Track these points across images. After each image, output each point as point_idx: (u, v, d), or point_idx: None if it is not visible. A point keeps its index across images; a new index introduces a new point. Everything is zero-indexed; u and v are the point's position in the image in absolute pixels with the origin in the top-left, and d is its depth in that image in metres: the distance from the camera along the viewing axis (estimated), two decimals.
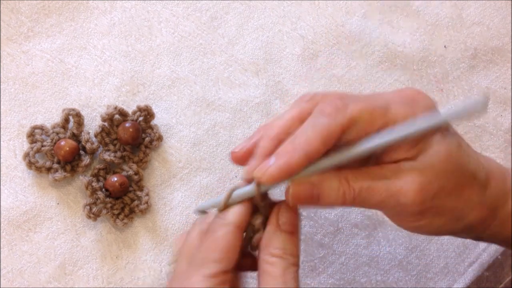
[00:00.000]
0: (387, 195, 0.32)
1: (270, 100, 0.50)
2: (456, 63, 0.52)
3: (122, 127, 0.46)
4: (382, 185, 0.32)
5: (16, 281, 0.45)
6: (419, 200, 0.31)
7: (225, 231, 0.32)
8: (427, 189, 0.32)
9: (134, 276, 0.46)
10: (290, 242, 0.32)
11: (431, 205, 0.32)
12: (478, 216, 0.34)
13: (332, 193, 0.32)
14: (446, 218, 0.33)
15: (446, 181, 0.32)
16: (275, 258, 0.31)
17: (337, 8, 0.53)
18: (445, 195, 0.32)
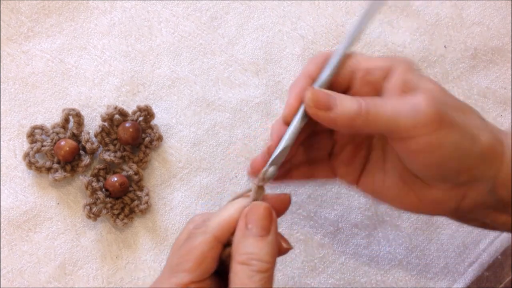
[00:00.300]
0: (401, 107, 0.31)
1: (270, 100, 0.50)
2: (456, 63, 0.52)
3: (122, 127, 0.46)
4: (396, 100, 0.32)
5: (16, 281, 0.45)
6: (432, 105, 0.31)
7: (202, 239, 0.31)
8: (437, 99, 0.31)
9: (134, 276, 0.46)
10: (258, 246, 0.30)
11: (444, 113, 0.31)
12: (488, 139, 0.33)
13: (347, 102, 0.32)
14: (461, 133, 0.32)
15: (448, 99, 0.33)
16: (239, 265, 0.30)
17: (337, 8, 0.53)
18: (453, 109, 0.32)
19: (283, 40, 0.52)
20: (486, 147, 0.33)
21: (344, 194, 0.49)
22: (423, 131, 0.31)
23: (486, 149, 0.33)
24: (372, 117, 0.31)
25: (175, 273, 0.30)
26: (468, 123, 0.33)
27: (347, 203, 0.49)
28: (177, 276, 0.30)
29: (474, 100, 0.52)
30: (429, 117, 0.31)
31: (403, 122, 0.31)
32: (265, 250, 0.30)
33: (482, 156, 0.33)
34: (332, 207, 0.49)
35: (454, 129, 0.32)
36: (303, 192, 0.49)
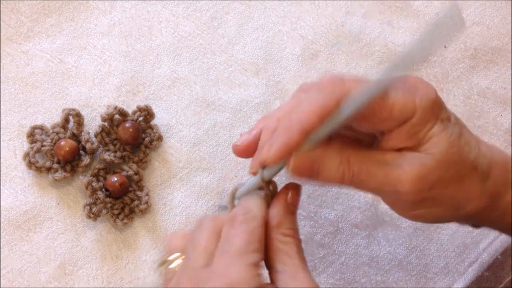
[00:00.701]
0: (385, 182, 0.32)
1: (270, 100, 0.50)
2: (456, 63, 0.52)
3: (122, 127, 0.46)
4: (381, 171, 0.32)
5: (16, 281, 0.45)
6: (415, 190, 0.32)
7: (256, 223, 0.32)
8: (425, 179, 0.32)
9: (134, 276, 0.46)
10: (295, 222, 0.34)
11: (428, 195, 0.32)
12: (477, 206, 0.33)
13: (332, 170, 0.32)
14: (445, 208, 0.33)
15: (445, 171, 0.32)
16: (288, 237, 0.33)
17: (337, 8, 0.53)
18: (443, 185, 0.32)
19: (283, 40, 0.52)
20: (473, 211, 0.34)
21: (344, 194, 0.49)
22: (405, 207, 0.33)
23: (473, 212, 0.34)
24: (355, 185, 0.33)
25: (243, 255, 0.31)
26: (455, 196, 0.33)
27: (347, 203, 0.49)
28: (249, 256, 0.31)
29: (474, 100, 0.52)
30: (410, 198, 0.32)
31: (385, 196, 0.34)
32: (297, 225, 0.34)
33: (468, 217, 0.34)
34: (332, 207, 0.49)
35: (437, 206, 0.33)
36: (303, 192, 0.48)
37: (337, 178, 0.32)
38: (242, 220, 0.32)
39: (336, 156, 0.32)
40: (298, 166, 0.32)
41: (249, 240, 0.32)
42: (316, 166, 0.32)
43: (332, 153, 0.32)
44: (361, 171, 0.32)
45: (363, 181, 0.32)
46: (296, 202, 0.34)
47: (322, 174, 0.32)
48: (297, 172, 0.32)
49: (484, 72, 0.53)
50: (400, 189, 0.32)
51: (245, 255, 0.31)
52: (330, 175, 0.32)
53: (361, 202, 0.49)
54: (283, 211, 0.34)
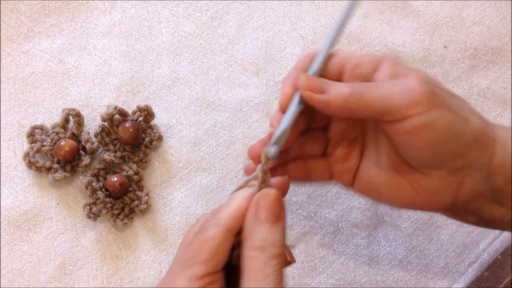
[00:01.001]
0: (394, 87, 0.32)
1: (270, 100, 0.50)
2: (456, 63, 0.52)
3: (122, 127, 0.46)
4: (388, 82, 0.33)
5: (16, 281, 0.45)
6: (424, 86, 0.32)
7: (215, 231, 0.31)
8: (428, 81, 0.33)
9: (134, 276, 0.46)
10: (271, 232, 0.31)
11: (436, 93, 0.32)
12: (479, 123, 0.33)
13: (340, 85, 0.33)
14: (453, 114, 0.32)
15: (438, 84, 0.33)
16: (255, 251, 0.30)
17: (337, 8, 0.53)
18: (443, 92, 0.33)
19: (283, 40, 0.52)
20: (478, 130, 0.33)
21: (344, 194, 0.49)
22: (416, 110, 0.32)
23: (478, 132, 0.33)
24: (365, 98, 0.32)
25: (190, 265, 0.30)
26: (459, 106, 0.33)
27: (347, 203, 0.49)
28: (192, 268, 0.30)
29: (474, 100, 0.52)
30: (422, 95, 0.32)
31: (396, 101, 0.32)
32: (278, 236, 0.31)
33: (475, 139, 0.33)
34: (332, 207, 0.49)
35: (447, 109, 0.32)
36: (303, 192, 0.49)
37: (346, 91, 0.32)
38: (204, 226, 0.32)
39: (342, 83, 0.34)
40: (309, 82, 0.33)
41: (198, 250, 0.31)
42: (324, 84, 0.33)
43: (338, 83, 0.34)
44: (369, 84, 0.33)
45: (372, 93, 0.32)
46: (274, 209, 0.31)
47: (332, 89, 0.33)
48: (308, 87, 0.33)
49: (484, 72, 0.53)
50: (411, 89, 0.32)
51: (189, 266, 0.30)
52: (339, 89, 0.33)
53: (361, 202, 0.49)
54: (251, 221, 0.31)
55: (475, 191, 0.34)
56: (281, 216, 0.32)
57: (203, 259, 0.30)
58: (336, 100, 0.33)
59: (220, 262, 0.31)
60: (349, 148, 0.38)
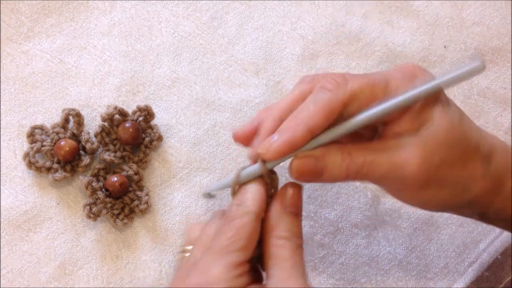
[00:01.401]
0: (390, 167, 0.32)
1: (270, 100, 0.50)
2: (456, 63, 0.52)
3: (122, 127, 0.46)
4: (385, 158, 0.32)
5: (16, 281, 0.45)
6: (422, 170, 0.31)
7: (248, 219, 0.31)
8: (430, 160, 0.32)
9: (134, 276, 0.46)
10: (295, 224, 0.32)
11: (434, 175, 0.32)
12: (482, 188, 0.33)
13: (336, 167, 0.32)
14: (450, 190, 0.33)
15: (448, 152, 0.32)
16: (282, 240, 0.31)
17: (337, 8, 0.53)
18: (448, 166, 0.32)
19: (283, 40, 0.52)
20: (479, 193, 0.34)
21: (344, 194, 0.49)
22: (411, 191, 0.33)
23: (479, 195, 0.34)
24: (361, 177, 0.32)
25: (225, 254, 0.30)
26: (460, 178, 0.33)
27: (347, 203, 0.49)
28: (228, 256, 0.30)
29: (474, 100, 0.52)
30: (417, 180, 0.32)
31: (391, 183, 0.33)
32: (299, 228, 0.32)
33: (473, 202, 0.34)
34: (332, 207, 0.49)
35: (443, 188, 0.33)
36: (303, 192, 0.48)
37: (343, 174, 0.32)
38: (233, 215, 0.31)
39: (338, 151, 0.32)
40: (301, 167, 0.32)
41: (235, 237, 0.30)
42: (319, 165, 0.32)
43: (333, 150, 0.32)
44: (365, 162, 0.32)
45: (369, 171, 0.32)
46: (297, 203, 0.33)
47: (326, 173, 0.32)
48: (300, 173, 0.32)
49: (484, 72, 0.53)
50: (407, 172, 0.32)
51: (227, 254, 0.30)
52: (335, 172, 0.32)
53: (361, 202, 0.49)
54: (278, 212, 0.32)
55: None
56: (301, 209, 0.33)
57: (240, 246, 0.30)
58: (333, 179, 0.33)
59: (252, 250, 0.31)
60: None
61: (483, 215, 0.36)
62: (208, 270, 0.30)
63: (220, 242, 0.31)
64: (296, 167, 0.32)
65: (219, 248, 0.30)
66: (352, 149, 0.32)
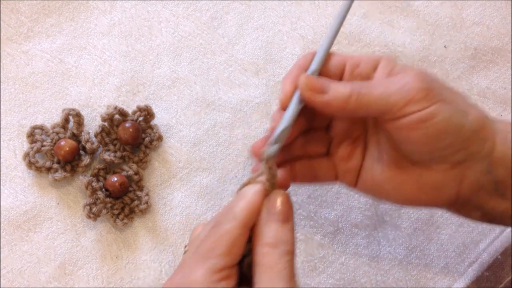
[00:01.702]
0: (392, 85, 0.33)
1: (270, 100, 0.50)
2: (456, 63, 0.52)
3: (122, 127, 0.46)
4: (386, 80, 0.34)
5: (16, 281, 0.45)
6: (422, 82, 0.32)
7: (232, 225, 0.31)
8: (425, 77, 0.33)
9: (134, 276, 0.46)
10: (282, 230, 0.32)
11: (434, 88, 0.33)
12: (478, 116, 0.34)
13: (340, 86, 0.33)
14: (452, 108, 0.33)
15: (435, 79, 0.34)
16: (267, 248, 0.31)
17: (337, 8, 0.53)
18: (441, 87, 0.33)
19: (283, 40, 0.52)
20: (477, 123, 0.34)
21: (344, 194, 0.49)
22: (414, 107, 0.32)
23: (478, 125, 0.34)
24: (364, 98, 0.33)
25: (208, 258, 0.31)
26: (457, 100, 0.34)
27: (347, 203, 0.49)
28: (209, 261, 0.31)
29: (474, 100, 0.52)
30: (420, 92, 0.32)
31: (394, 99, 0.32)
32: (289, 234, 0.32)
33: (474, 131, 0.33)
34: (332, 207, 0.49)
35: (445, 104, 0.33)
36: (303, 192, 0.49)
37: (346, 91, 0.33)
38: (220, 220, 0.32)
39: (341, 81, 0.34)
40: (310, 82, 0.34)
41: (217, 243, 0.31)
42: (326, 83, 0.34)
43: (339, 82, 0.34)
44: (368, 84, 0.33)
45: (371, 92, 0.33)
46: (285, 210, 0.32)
47: (332, 89, 0.33)
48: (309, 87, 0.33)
49: (484, 72, 0.53)
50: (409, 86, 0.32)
51: (208, 259, 0.31)
52: (339, 89, 0.33)
53: (361, 202, 0.49)
54: (264, 220, 0.32)
55: (477, 183, 0.35)
56: (290, 215, 0.32)
57: (221, 252, 0.31)
58: (336, 101, 0.33)
59: (237, 256, 0.31)
60: (351, 147, 0.38)
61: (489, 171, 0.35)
62: (190, 272, 0.31)
63: (204, 246, 0.31)
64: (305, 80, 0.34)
65: (202, 251, 0.31)
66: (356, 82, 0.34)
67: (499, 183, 0.34)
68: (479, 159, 0.34)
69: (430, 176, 0.35)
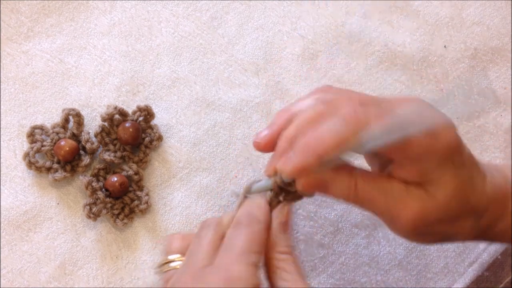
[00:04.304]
0: (386, 211, 0.34)
1: (270, 100, 0.50)
2: (456, 63, 0.52)
3: (122, 127, 0.46)
4: (385, 200, 0.34)
5: (16, 281, 0.45)
6: (413, 226, 0.34)
7: (259, 227, 0.34)
8: (424, 219, 0.33)
9: (134, 276, 0.46)
10: (290, 240, 0.36)
11: (423, 231, 0.34)
12: (467, 237, 0.36)
13: (339, 189, 0.34)
14: (436, 238, 0.36)
15: (445, 214, 0.33)
16: (285, 255, 0.35)
17: (337, 8, 0.53)
18: (440, 224, 0.34)
19: (283, 40, 0.52)
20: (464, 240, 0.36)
21: None
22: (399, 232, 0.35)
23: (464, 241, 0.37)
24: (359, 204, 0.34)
25: (245, 255, 0.33)
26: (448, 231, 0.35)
27: None
28: (251, 256, 0.33)
29: (474, 100, 0.52)
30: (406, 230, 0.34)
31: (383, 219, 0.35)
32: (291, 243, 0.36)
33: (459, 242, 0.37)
34: (332, 207, 0.49)
35: (430, 236, 0.35)
36: None
37: (344, 197, 0.34)
38: (246, 223, 0.34)
39: (346, 178, 0.34)
40: (309, 184, 0.34)
41: (252, 241, 0.33)
42: (326, 184, 0.34)
43: (342, 176, 0.34)
44: (366, 196, 0.34)
45: (366, 203, 0.34)
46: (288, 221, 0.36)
47: (330, 191, 0.34)
48: (307, 186, 0.34)
49: (484, 72, 0.53)
50: (399, 223, 0.34)
51: (247, 255, 0.33)
52: (337, 193, 0.34)
53: None
54: (278, 231, 0.36)
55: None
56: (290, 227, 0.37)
57: (258, 249, 0.33)
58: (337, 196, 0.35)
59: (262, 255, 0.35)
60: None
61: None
62: (229, 269, 0.32)
63: (239, 245, 0.33)
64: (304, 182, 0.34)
65: (239, 250, 0.33)
66: (359, 179, 0.34)
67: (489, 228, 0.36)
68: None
69: None
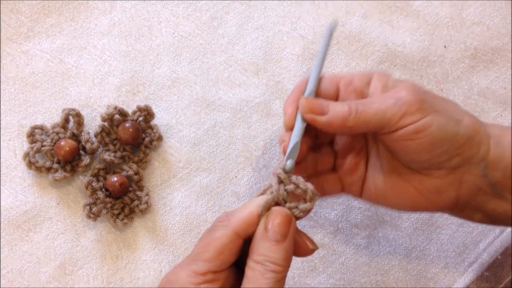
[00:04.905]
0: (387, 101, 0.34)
1: (270, 100, 0.50)
2: (456, 63, 0.52)
3: (122, 127, 0.46)
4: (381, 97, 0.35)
5: (16, 281, 0.45)
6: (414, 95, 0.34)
7: (222, 232, 0.33)
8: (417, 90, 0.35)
9: (134, 276, 0.46)
10: (274, 250, 0.32)
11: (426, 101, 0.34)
12: (470, 122, 0.35)
13: (338, 106, 0.35)
14: (445, 118, 0.34)
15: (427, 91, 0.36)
16: (254, 263, 0.32)
17: (337, 8, 0.53)
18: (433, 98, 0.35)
19: (283, 40, 0.52)
20: (471, 129, 0.35)
21: None
22: (409, 119, 0.34)
23: (471, 131, 0.35)
24: (362, 115, 0.34)
25: (195, 261, 0.32)
26: (450, 109, 0.35)
27: (347, 203, 0.49)
28: (196, 264, 0.32)
29: (474, 100, 0.52)
30: (413, 105, 0.34)
31: (390, 114, 0.34)
32: (280, 254, 0.32)
33: (468, 138, 0.35)
34: (332, 207, 0.49)
35: (438, 114, 0.34)
36: None
37: (345, 111, 0.35)
38: (215, 225, 0.34)
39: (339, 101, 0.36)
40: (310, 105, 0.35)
41: (204, 248, 0.32)
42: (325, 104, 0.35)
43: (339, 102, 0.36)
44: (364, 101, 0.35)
45: (367, 109, 0.34)
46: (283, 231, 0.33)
47: (331, 110, 0.35)
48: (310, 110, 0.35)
49: (484, 72, 0.53)
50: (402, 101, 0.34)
51: (193, 262, 0.32)
52: (338, 109, 0.35)
53: (361, 202, 0.49)
54: (259, 236, 0.33)
55: (475, 186, 0.36)
56: (288, 236, 0.33)
57: (207, 257, 0.32)
58: (336, 120, 0.35)
59: (224, 262, 0.32)
60: (355, 159, 0.40)
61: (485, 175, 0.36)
62: (178, 271, 0.33)
63: (195, 248, 0.33)
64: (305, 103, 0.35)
65: (193, 254, 0.33)
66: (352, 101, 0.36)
67: (496, 185, 0.36)
68: (475, 163, 0.35)
69: (429, 181, 0.36)
